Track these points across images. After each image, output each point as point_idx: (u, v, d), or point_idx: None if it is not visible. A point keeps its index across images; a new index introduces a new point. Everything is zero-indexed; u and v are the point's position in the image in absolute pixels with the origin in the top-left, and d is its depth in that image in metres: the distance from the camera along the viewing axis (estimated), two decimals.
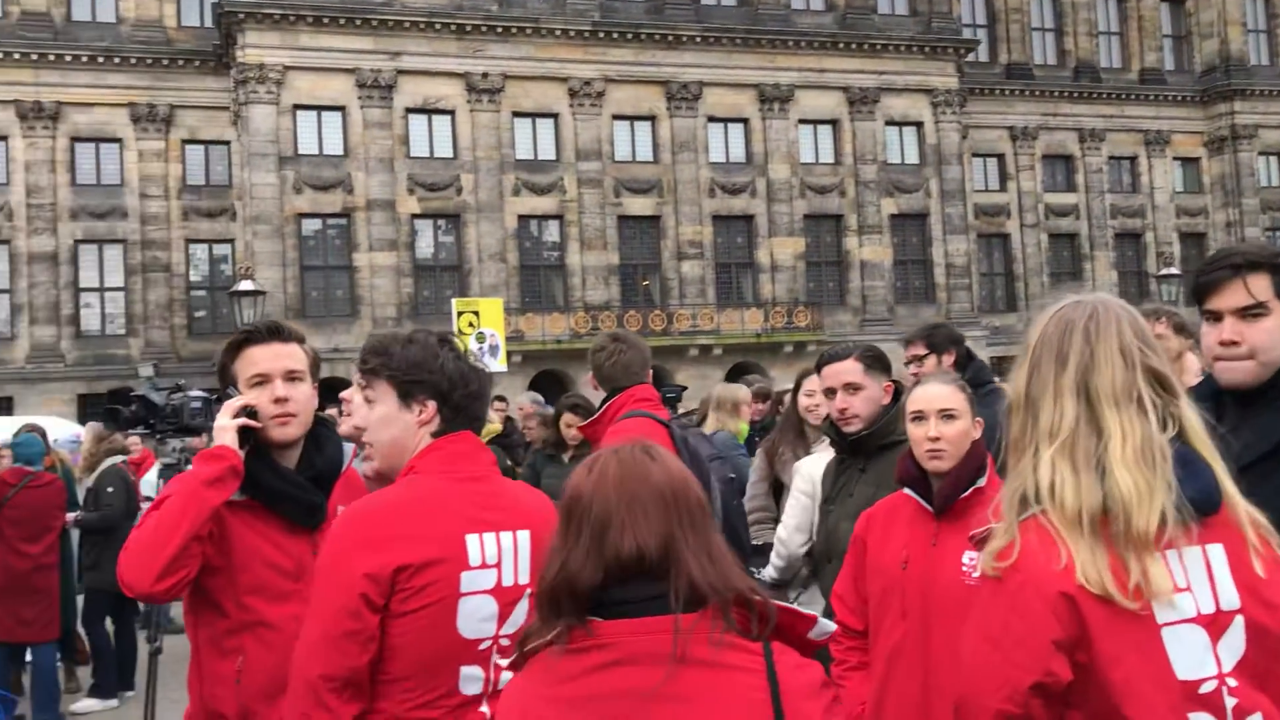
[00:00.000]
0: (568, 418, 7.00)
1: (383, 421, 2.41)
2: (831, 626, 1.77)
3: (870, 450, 3.72)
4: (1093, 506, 1.68)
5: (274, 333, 2.77)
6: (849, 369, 3.77)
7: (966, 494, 2.96)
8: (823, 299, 35.62)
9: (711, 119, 34.96)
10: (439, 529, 2.24)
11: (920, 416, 3.05)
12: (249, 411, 2.66)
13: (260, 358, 2.72)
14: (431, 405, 2.40)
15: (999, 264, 40.51)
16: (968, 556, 2.84)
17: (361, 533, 2.22)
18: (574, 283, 33.41)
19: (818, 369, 4.06)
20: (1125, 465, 1.68)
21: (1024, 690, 1.64)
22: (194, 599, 2.64)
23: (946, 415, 3.03)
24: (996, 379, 5.08)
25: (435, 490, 2.29)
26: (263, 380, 2.70)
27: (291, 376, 2.72)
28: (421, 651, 2.20)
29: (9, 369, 30.30)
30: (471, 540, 2.27)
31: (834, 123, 36.40)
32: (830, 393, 3.82)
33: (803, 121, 35.97)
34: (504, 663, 1.72)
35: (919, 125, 37.35)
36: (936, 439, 3.00)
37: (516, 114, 33.13)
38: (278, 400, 2.68)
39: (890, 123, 36.99)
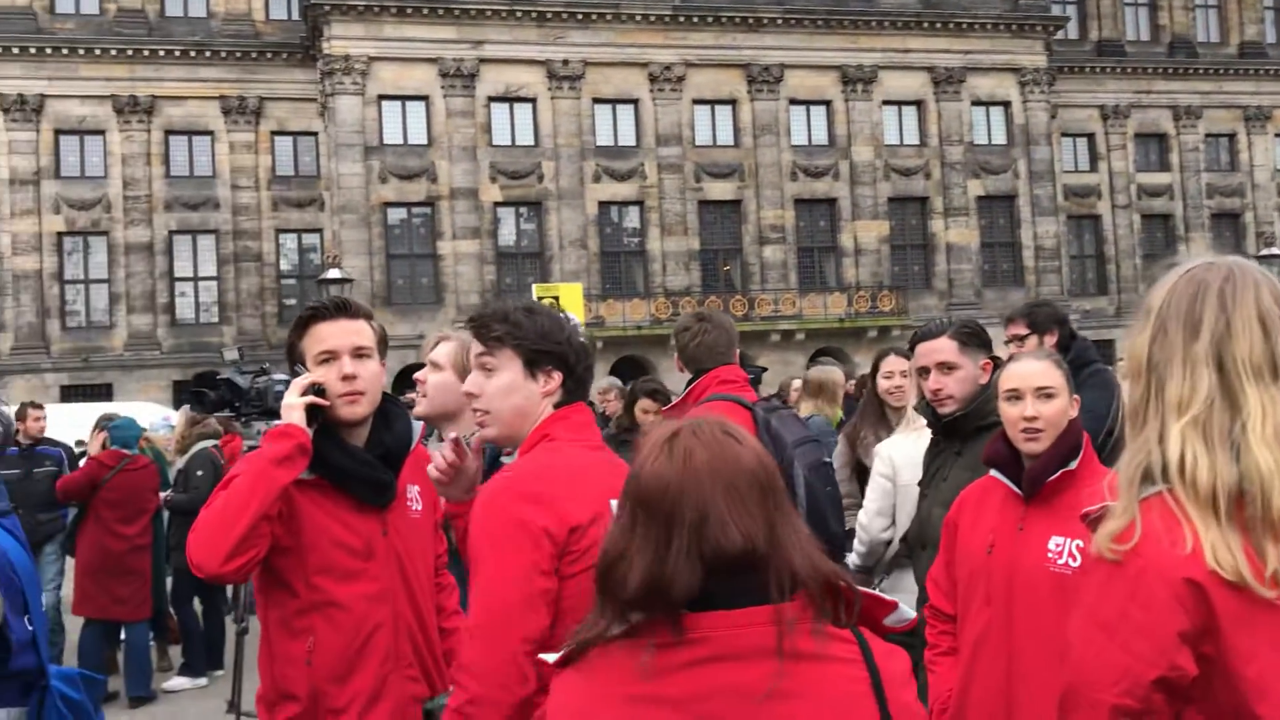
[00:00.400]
0: (644, 403, 6.70)
1: (505, 390, 2.36)
2: (910, 614, 1.67)
3: (966, 433, 3.54)
4: (1229, 486, 1.52)
5: (341, 309, 2.73)
6: (943, 347, 3.59)
7: (1055, 477, 2.81)
8: (908, 283, 35.12)
9: (793, 101, 34.63)
10: (592, 492, 2.22)
11: (1015, 395, 2.90)
12: (316, 389, 2.62)
13: (327, 334, 2.69)
14: (557, 376, 2.38)
15: (1089, 246, 39.50)
16: (1053, 542, 2.74)
17: (533, 492, 2.18)
18: (654, 268, 33.40)
19: (911, 346, 3.89)
20: (1265, 443, 1.53)
21: (1145, 684, 1.51)
22: (264, 579, 2.63)
23: (1044, 393, 2.88)
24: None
25: (578, 457, 2.30)
26: (330, 357, 2.67)
27: (359, 353, 2.68)
28: (581, 616, 2.18)
29: (108, 356, 31.26)
30: (615, 505, 2.27)
31: (919, 104, 35.81)
32: (924, 372, 3.64)
33: (887, 103, 35.44)
34: (550, 658, 1.59)
35: (1006, 105, 36.57)
36: (1033, 418, 2.85)
37: (597, 100, 33.19)
38: (346, 377, 2.64)
39: (977, 103, 36.27)
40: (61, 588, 8.82)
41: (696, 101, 33.93)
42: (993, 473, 2.96)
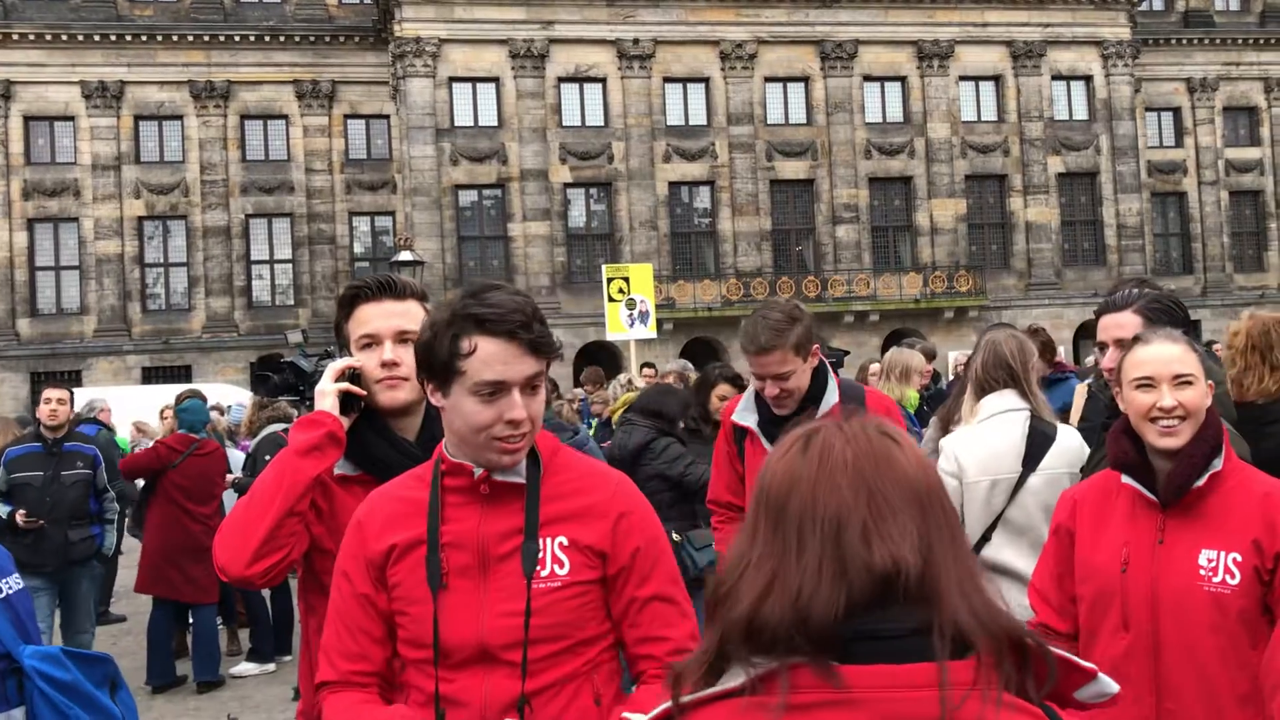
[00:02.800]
0: (722, 389, 6.17)
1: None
2: (1114, 687, 1.27)
3: None
4: None
5: (385, 289, 2.46)
6: (1126, 322, 3.16)
7: (1202, 481, 2.42)
8: (985, 263, 34.39)
9: (867, 78, 34.02)
10: None
11: (1148, 383, 2.51)
12: (352, 375, 2.41)
13: (370, 316, 2.45)
14: None
15: (1174, 224, 38.31)
16: (1205, 557, 2.39)
17: None
18: (725, 249, 33.09)
19: (1096, 318, 3.45)
20: None
21: None
22: (305, 583, 2.43)
23: (1181, 381, 2.48)
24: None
25: None
26: (372, 341, 2.43)
27: (404, 338, 2.41)
28: None
29: (187, 339, 31.84)
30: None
31: (997, 79, 34.96)
32: (1104, 347, 3.23)
33: (964, 78, 34.66)
34: (635, 719, 1.28)
35: (1088, 79, 35.55)
36: (1172, 408, 2.46)
37: (667, 79, 32.90)
38: (385, 364, 2.41)
39: (1057, 77, 35.32)
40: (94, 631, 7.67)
41: (768, 79, 33.47)
42: (1123, 477, 2.56)
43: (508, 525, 1.97)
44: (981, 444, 3.66)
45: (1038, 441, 3.56)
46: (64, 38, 31.63)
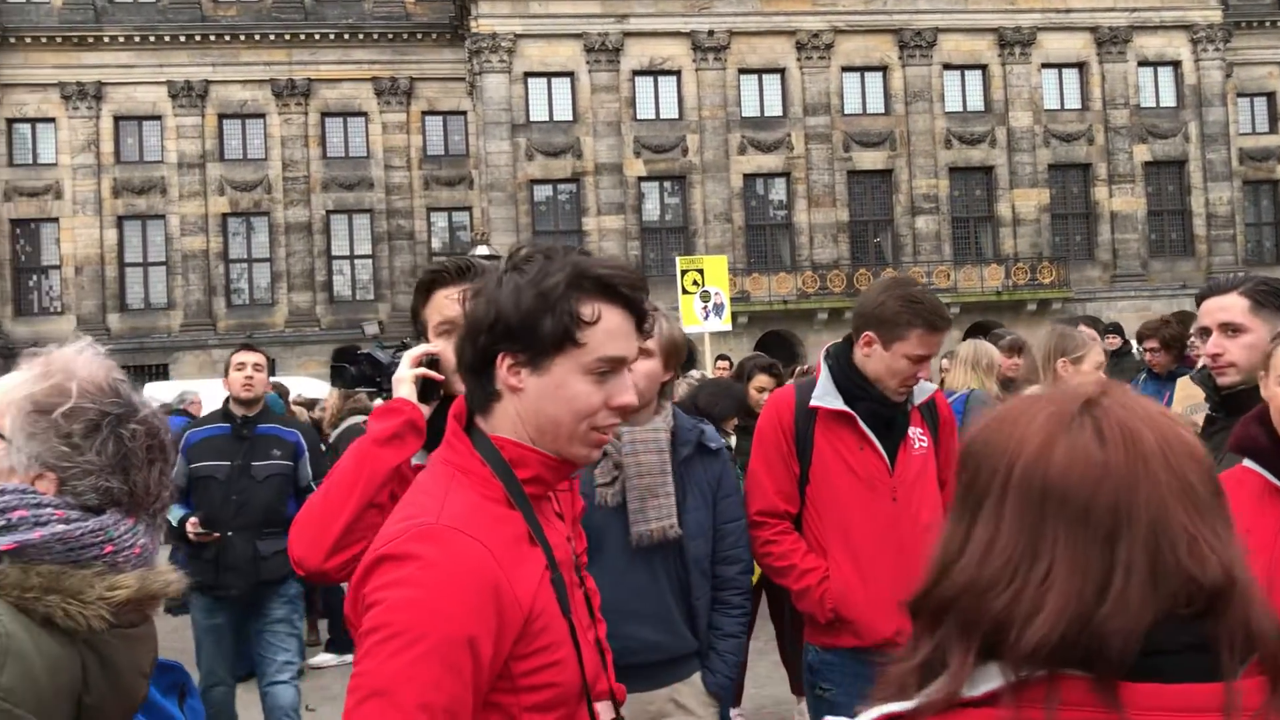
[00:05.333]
0: (760, 380, 6.08)
1: None
2: None
3: (1249, 409, 2.91)
4: None
5: (463, 273, 2.37)
6: (1230, 305, 2.98)
7: None
8: (1069, 253, 33.63)
9: (947, 66, 33.44)
10: None
11: None
12: (430, 361, 2.34)
13: (448, 302, 2.37)
14: None
15: (1268, 213, 37.07)
16: None
17: None
18: (801, 241, 32.79)
19: (1197, 302, 3.27)
20: None
21: None
22: None
23: None
24: None
25: None
26: (450, 328, 2.34)
27: None
28: None
29: (271, 333, 32.43)
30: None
31: (1081, 65, 34.14)
32: (1205, 333, 3.07)
33: (1046, 66, 33.90)
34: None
35: (1176, 65, 34.54)
36: None
37: (743, 71, 32.68)
38: None
39: (1144, 63, 34.37)
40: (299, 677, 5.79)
41: (845, 69, 33.07)
42: (1246, 462, 2.38)
43: (564, 532, 1.73)
44: None
45: None
46: (151, 39, 32.41)
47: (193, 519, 5.25)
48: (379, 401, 8.88)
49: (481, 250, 25.69)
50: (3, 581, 1.24)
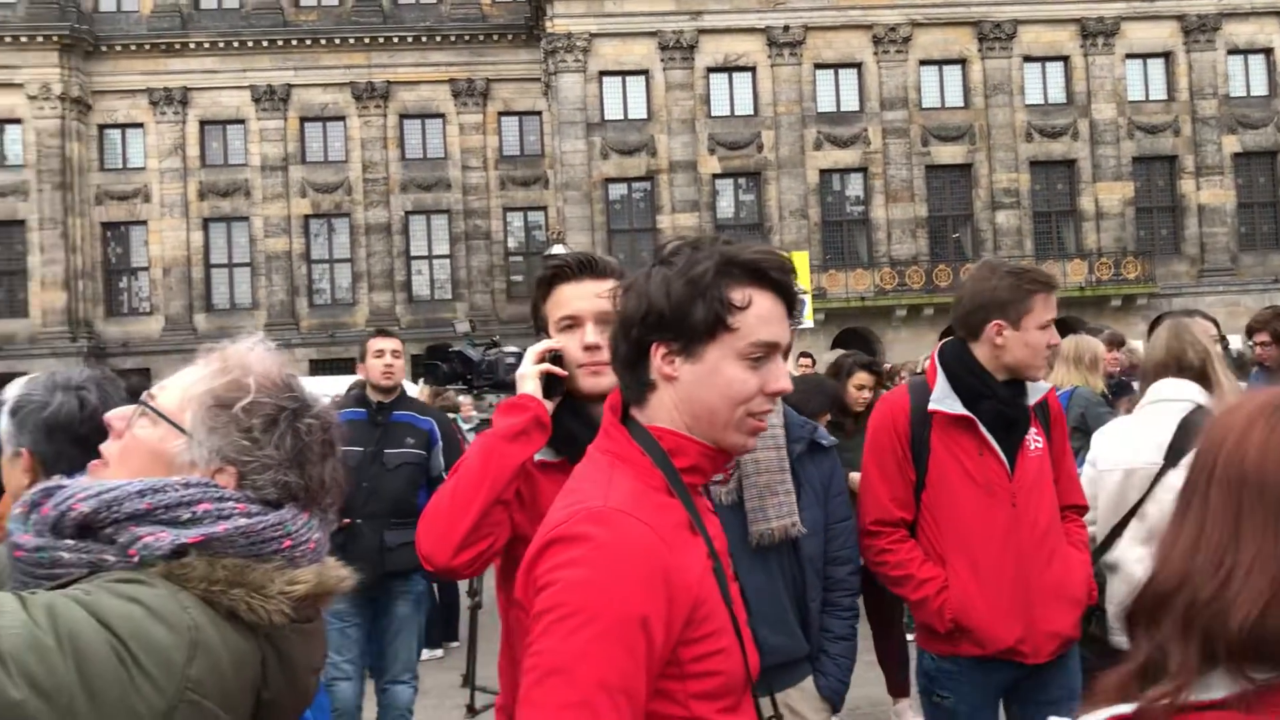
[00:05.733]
0: (860, 377, 5.91)
1: None
2: None
3: None
4: None
5: (585, 267, 2.35)
6: None
7: None
8: (1154, 248, 32.82)
9: (1027, 59, 32.84)
10: None
11: None
12: (553, 357, 2.32)
13: (570, 297, 2.34)
14: None
15: None
16: None
17: None
18: (878, 237, 32.45)
19: None
20: None
21: None
22: (504, 572, 2.35)
23: None
24: None
25: None
26: (573, 323, 2.33)
27: (606, 319, 2.25)
28: None
29: (352, 332, 32.92)
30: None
31: (1166, 55, 33.29)
32: None
33: (1130, 56, 33.12)
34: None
35: (1267, 52, 33.53)
36: None
37: (818, 66, 32.43)
38: (588, 347, 2.30)
39: (1233, 51, 33.42)
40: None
41: (923, 62, 32.64)
42: None
43: (719, 523, 1.71)
44: (1121, 432, 3.42)
45: (1191, 434, 3.19)
46: (235, 45, 33.12)
47: None
48: (465, 399, 8.91)
49: (557, 249, 25.86)
50: (190, 574, 1.26)
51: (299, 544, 1.36)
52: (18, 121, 32.34)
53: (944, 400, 3.22)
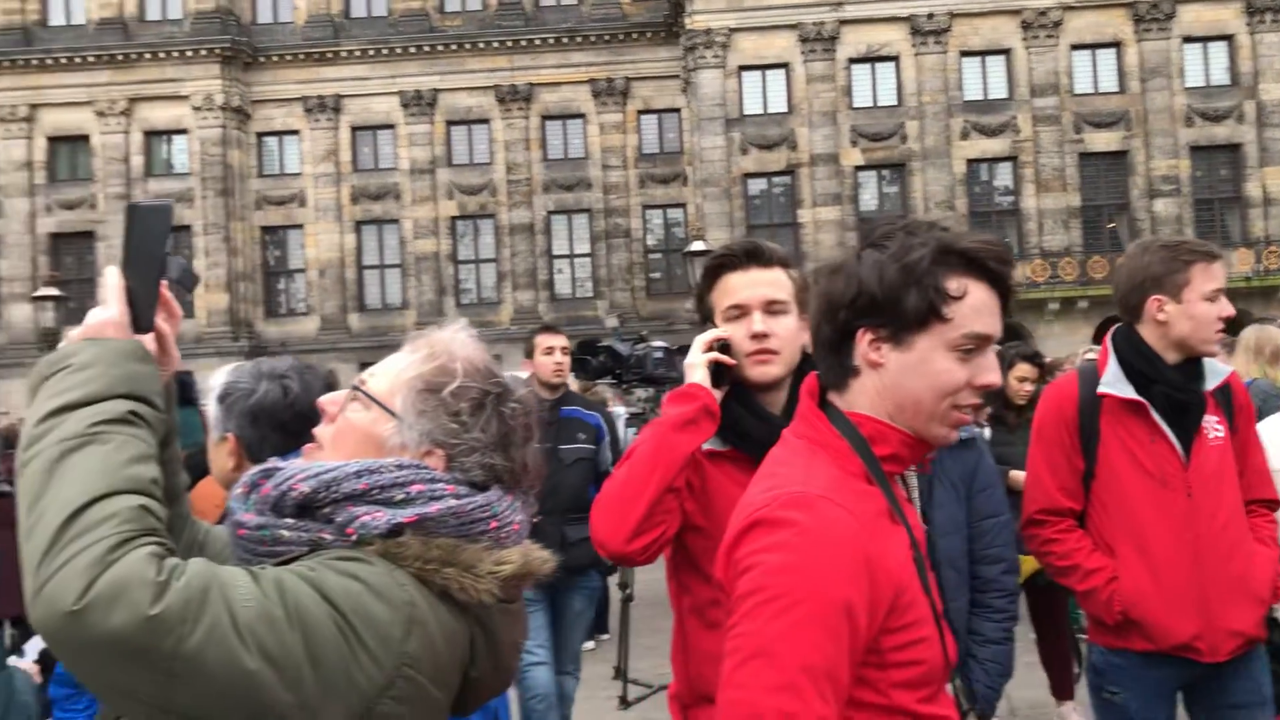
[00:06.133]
0: (1021, 369, 5.82)
1: None
2: None
3: None
4: None
5: (752, 256, 2.37)
6: None
7: None
8: None
9: (1187, 39, 31.38)
10: None
11: None
12: (721, 346, 2.33)
13: (736, 286, 2.36)
14: None
15: None
16: None
17: None
18: (1029, 228, 31.48)
19: None
20: None
21: None
22: (675, 561, 2.38)
23: None
24: None
25: None
26: (740, 312, 2.34)
27: (773, 308, 2.33)
28: None
29: (496, 330, 33.60)
30: None
31: None
32: None
33: None
34: None
35: None
36: None
37: (964, 53, 31.65)
38: (755, 336, 2.31)
39: None
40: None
41: (1075, 47, 31.51)
42: None
43: (916, 514, 1.70)
44: None
45: None
46: (384, 52, 34.17)
47: None
48: (610, 394, 8.94)
49: (697, 245, 25.88)
50: (405, 553, 1.29)
51: (504, 525, 1.38)
52: (183, 132, 34.03)
53: (1115, 384, 3.09)
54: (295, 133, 34.70)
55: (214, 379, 2.23)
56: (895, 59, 31.73)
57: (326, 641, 1.20)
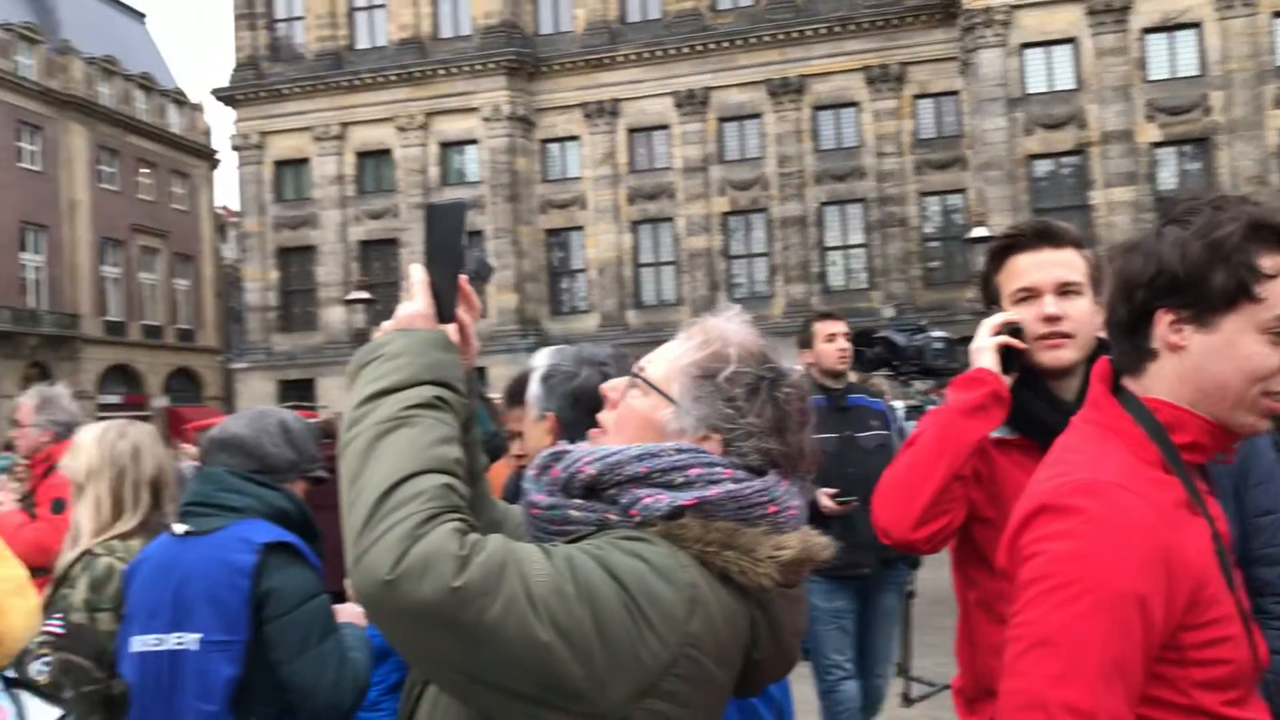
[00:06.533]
0: None
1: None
2: None
3: None
4: None
5: (1042, 236, 2.28)
6: None
7: None
8: None
9: None
10: None
11: None
12: (1011, 329, 2.25)
13: (1026, 268, 2.27)
14: None
15: None
16: None
17: None
18: None
19: None
20: None
21: None
22: (961, 552, 2.32)
23: None
24: None
25: None
26: (1029, 295, 2.25)
27: (1066, 290, 2.23)
28: None
29: (768, 324, 33.65)
30: None
31: None
32: None
33: None
34: None
35: None
36: None
37: (1276, 14, 28.92)
38: (1047, 319, 2.22)
39: None
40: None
41: None
42: None
43: (1217, 506, 1.57)
44: None
45: None
46: (659, 54, 34.90)
47: (824, 489, 4.71)
48: (886, 387, 8.67)
49: (979, 231, 24.94)
50: (686, 535, 1.33)
51: (782, 510, 1.39)
52: (474, 142, 36.03)
53: None
54: (576, 138, 36.01)
55: (536, 359, 2.34)
56: (1197, 26, 29.39)
57: (614, 618, 1.25)
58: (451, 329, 1.46)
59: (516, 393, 3.07)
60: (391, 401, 1.34)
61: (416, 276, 1.47)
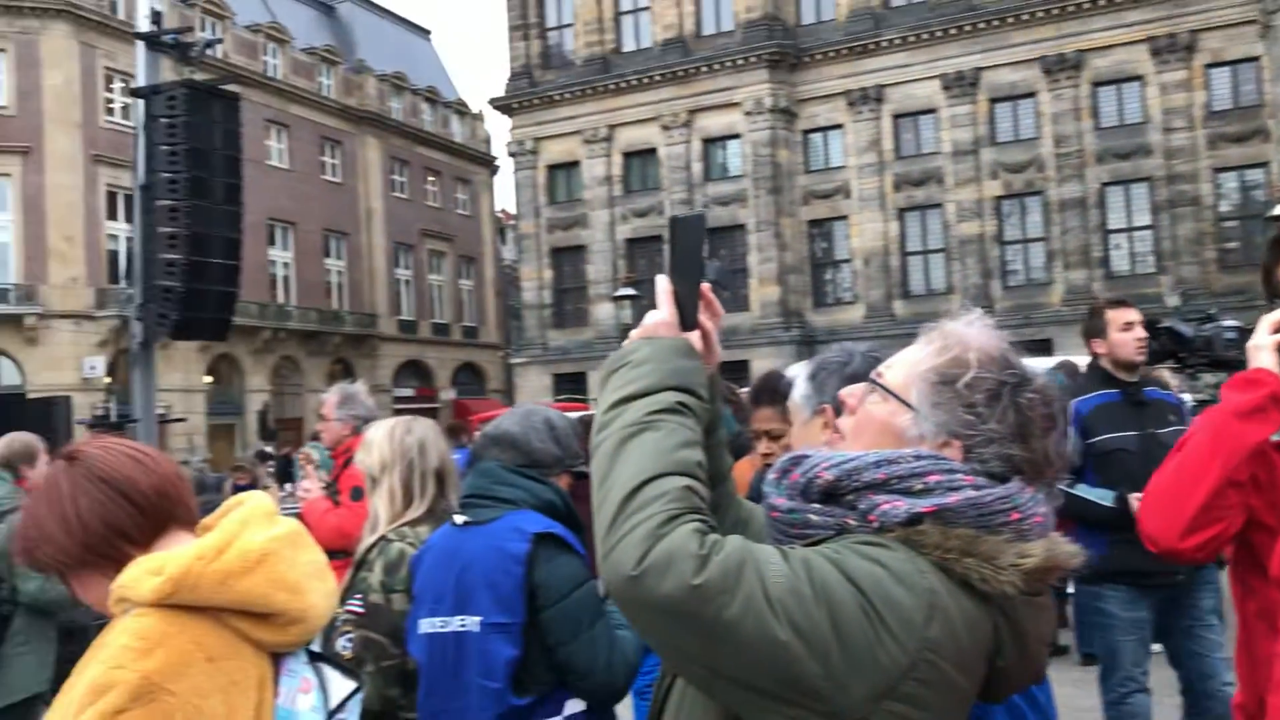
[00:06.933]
0: None
1: None
2: None
3: None
4: None
5: None
6: None
7: None
8: None
9: None
10: None
11: None
12: None
13: None
14: None
15: None
16: None
17: None
18: None
19: None
20: None
21: None
22: (1239, 562, 2.22)
23: None
24: None
25: None
26: None
27: None
28: None
29: (1046, 311, 32.11)
30: None
31: None
32: None
33: None
34: None
35: None
36: None
37: None
38: None
39: None
40: None
41: None
42: None
43: None
44: None
45: None
46: (925, 37, 33.96)
47: (1134, 494, 4.30)
48: (1172, 380, 8.04)
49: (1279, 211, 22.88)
50: (925, 541, 1.34)
51: (1026, 517, 1.38)
52: (736, 137, 36.23)
53: None
54: (839, 127, 35.56)
55: (792, 371, 2.37)
56: None
57: (850, 620, 1.27)
58: (694, 336, 1.53)
59: (761, 393, 3.10)
60: (637, 406, 1.42)
61: (661, 286, 1.55)
